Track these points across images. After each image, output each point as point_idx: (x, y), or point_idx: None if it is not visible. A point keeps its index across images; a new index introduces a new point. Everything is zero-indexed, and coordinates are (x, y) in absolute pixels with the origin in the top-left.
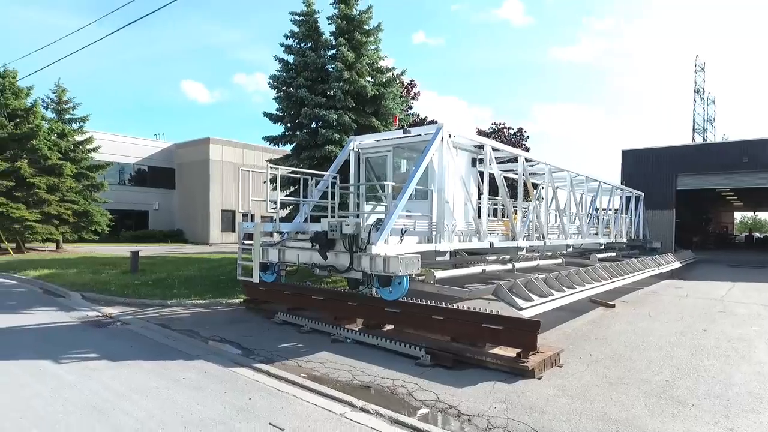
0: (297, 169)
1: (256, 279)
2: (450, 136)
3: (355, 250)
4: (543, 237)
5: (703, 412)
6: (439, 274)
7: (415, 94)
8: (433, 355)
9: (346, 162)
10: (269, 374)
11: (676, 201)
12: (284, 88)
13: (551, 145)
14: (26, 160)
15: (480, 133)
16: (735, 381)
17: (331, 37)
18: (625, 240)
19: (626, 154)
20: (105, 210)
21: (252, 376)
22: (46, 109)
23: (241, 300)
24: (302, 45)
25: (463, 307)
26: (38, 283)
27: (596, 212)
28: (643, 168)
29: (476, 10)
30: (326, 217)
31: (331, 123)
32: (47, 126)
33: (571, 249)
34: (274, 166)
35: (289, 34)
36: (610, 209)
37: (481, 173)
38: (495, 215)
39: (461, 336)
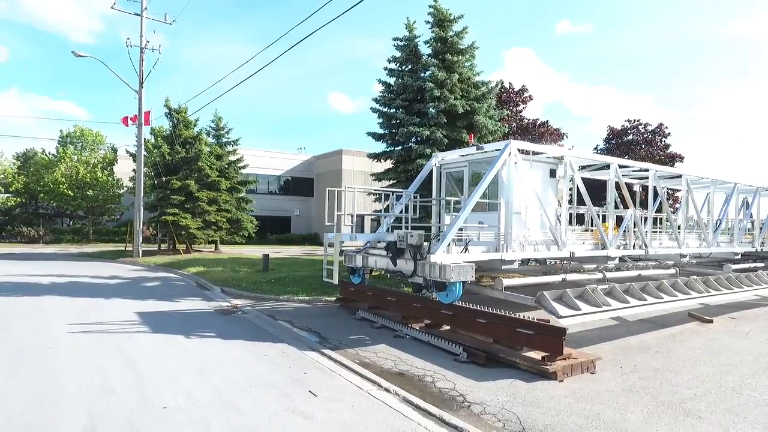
0: (376, 189)
1: (335, 281)
2: (521, 151)
3: (418, 258)
4: (645, 246)
5: (703, 425)
6: (509, 281)
7: (526, 98)
8: (470, 353)
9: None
10: (329, 358)
11: None
12: (384, 109)
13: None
14: (193, 179)
15: (612, 131)
16: None
17: (429, 59)
18: None
19: None
20: (252, 217)
21: (316, 358)
22: (208, 135)
23: (335, 298)
24: (402, 68)
25: (504, 312)
26: (194, 278)
27: (734, 217)
28: None
29: None
30: (401, 228)
31: (424, 139)
32: (208, 150)
33: (687, 258)
34: (351, 187)
35: (391, 59)
36: None
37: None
38: (590, 224)
39: (501, 338)
